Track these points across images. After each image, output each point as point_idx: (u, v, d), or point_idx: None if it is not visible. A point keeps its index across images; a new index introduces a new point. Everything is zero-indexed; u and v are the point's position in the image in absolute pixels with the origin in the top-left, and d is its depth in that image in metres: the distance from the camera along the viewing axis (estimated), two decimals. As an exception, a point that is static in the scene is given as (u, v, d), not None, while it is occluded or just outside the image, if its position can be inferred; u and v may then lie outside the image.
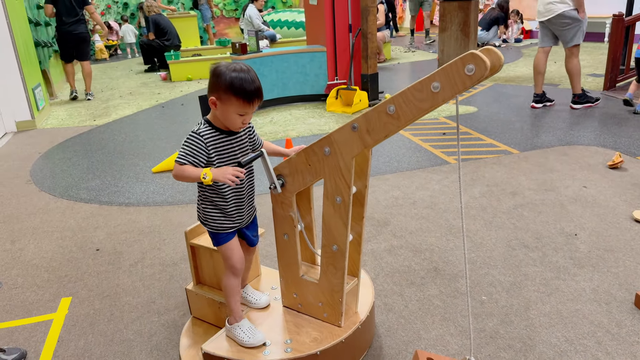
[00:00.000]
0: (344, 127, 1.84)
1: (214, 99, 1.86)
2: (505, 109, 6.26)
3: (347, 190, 1.92)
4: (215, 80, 1.84)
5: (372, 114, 1.75)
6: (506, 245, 3.12)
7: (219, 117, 1.91)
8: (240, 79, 1.82)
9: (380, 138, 1.78)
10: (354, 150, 1.85)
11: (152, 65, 11.12)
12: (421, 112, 1.66)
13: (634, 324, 2.38)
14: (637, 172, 4.08)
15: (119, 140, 5.92)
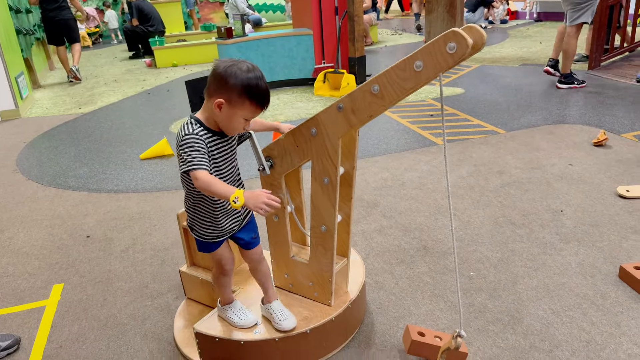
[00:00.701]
0: (329, 107, 1.84)
1: (222, 101, 1.65)
2: (491, 89, 6.30)
3: (334, 171, 1.93)
4: (226, 81, 1.64)
5: (356, 93, 1.76)
6: (493, 223, 3.17)
7: (220, 119, 1.70)
8: (257, 82, 1.65)
9: (365, 118, 1.78)
10: (340, 130, 1.86)
11: (136, 52, 11.00)
12: (405, 91, 1.66)
13: (617, 296, 2.44)
14: (621, 149, 4.14)
15: (105, 127, 5.87)
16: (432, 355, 2.00)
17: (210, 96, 1.69)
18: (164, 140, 4.77)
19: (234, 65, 1.66)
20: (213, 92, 1.67)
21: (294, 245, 2.39)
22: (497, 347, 2.17)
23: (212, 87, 1.68)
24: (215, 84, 1.66)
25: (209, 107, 1.70)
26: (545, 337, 2.21)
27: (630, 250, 2.79)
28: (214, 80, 1.67)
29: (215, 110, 1.67)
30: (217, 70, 1.66)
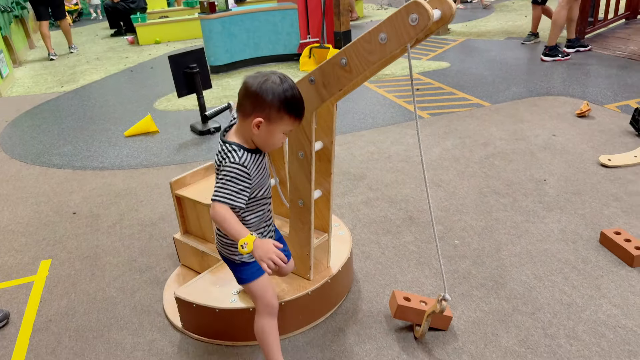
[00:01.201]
0: (302, 80, 1.83)
1: (261, 120, 1.57)
2: (477, 63, 6.30)
3: (309, 145, 1.92)
4: (263, 98, 1.55)
5: (326, 66, 1.74)
6: (478, 193, 3.21)
7: (259, 138, 1.62)
8: (292, 93, 1.59)
9: (336, 91, 1.77)
10: (313, 104, 1.84)
11: (118, 29, 10.80)
12: (370, 64, 1.64)
13: (598, 260, 2.50)
14: (603, 120, 4.19)
15: (88, 105, 5.80)
16: (418, 319, 2.05)
17: (246, 116, 1.59)
18: (148, 117, 4.72)
19: (267, 80, 1.57)
20: (250, 111, 1.57)
21: (278, 218, 2.41)
22: (480, 310, 2.22)
23: (247, 107, 1.58)
24: (251, 103, 1.57)
25: (245, 128, 1.61)
26: (528, 301, 2.26)
27: (611, 216, 2.85)
28: (248, 99, 1.57)
29: (253, 130, 1.59)
30: (251, 89, 1.56)
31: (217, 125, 4.60)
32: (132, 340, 2.21)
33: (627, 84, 4.99)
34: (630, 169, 3.35)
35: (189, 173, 2.53)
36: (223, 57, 6.60)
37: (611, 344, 2.01)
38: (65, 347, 2.20)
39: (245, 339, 2.13)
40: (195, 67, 4.32)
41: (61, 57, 8.76)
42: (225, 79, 6.39)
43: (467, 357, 2.00)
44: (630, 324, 2.10)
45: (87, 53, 9.03)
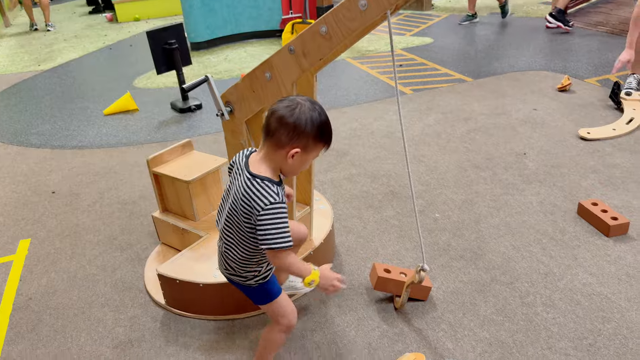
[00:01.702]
0: (281, 50, 1.81)
1: (298, 150, 1.49)
2: (460, 39, 6.28)
3: None
4: (301, 129, 1.48)
5: (306, 34, 1.72)
6: (459, 167, 3.23)
7: (290, 166, 1.53)
8: (326, 121, 1.54)
9: (316, 61, 1.75)
10: (292, 74, 1.83)
11: (96, 7, 10.54)
12: (351, 32, 1.63)
13: (576, 231, 2.54)
14: (584, 94, 4.22)
15: (66, 84, 5.68)
16: (398, 290, 2.07)
17: (281, 147, 1.50)
18: (128, 95, 4.65)
19: (301, 109, 1.49)
20: (286, 142, 1.48)
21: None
22: (459, 281, 2.26)
23: (283, 138, 1.48)
24: (288, 134, 1.48)
25: (277, 158, 1.52)
26: (506, 271, 2.30)
27: (588, 188, 2.89)
28: (284, 130, 1.48)
29: (288, 160, 1.51)
30: (287, 120, 1.47)
31: (198, 103, 4.55)
32: (113, 317, 2.20)
33: (607, 59, 5.02)
34: (609, 142, 3.40)
35: (166, 150, 2.50)
36: (203, 34, 6.49)
37: (586, 310, 2.06)
38: (46, 325, 2.19)
39: (227, 313, 2.14)
40: (174, 43, 4.25)
41: (38, 36, 8.56)
42: (206, 55, 6.30)
43: (446, 325, 2.03)
44: (604, 291, 2.15)
45: (64, 31, 8.82)
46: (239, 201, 1.53)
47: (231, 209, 1.57)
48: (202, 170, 2.42)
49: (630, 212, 2.65)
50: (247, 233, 1.56)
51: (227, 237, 1.63)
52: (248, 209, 1.50)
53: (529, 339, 1.95)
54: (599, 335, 1.94)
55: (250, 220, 1.51)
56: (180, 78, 4.42)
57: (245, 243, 1.59)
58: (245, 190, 1.51)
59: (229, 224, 1.60)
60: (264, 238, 1.48)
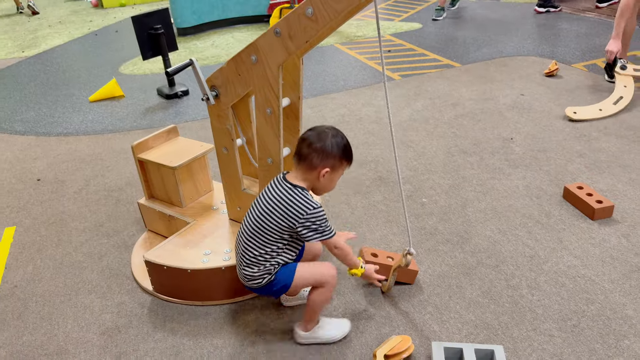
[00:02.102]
0: (267, 32, 1.79)
1: (328, 170, 1.77)
2: (448, 24, 6.27)
3: (276, 100, 1.89)
4: (329, 152, 1.76)
5: (292, 16, 1.70)
6: (446, 152, 3.24)
7: (322, 184, 1.81)
8: (348, 143, 1.82)
9: (302, 43, 1.73)
10: (279, 57, 1.81)
11: (81, -8, 10.37)
12: (337, 13, 1.61)
13: (561, 214, 2.57)
14: (571, 79, 4.24)
15: (51, 71, 5.60)
16: (385, 274, 2.08)
17: (312, 168, 1.77)
18: (113, 81, 4.59)
19: (327, 135, 1.77)
20: (317, 164, 1.76)
21: (247, 178, 2.39)
22: (446, 264, 2.27)
23: (314, 160, 1.76)
24: (319, 157, 1.76)
25: (311, 177, 1.79)
26: (492, 254, 2.32)
27: (574, 172, 2.92)
28: (315, 153, 1.76)
29: (320, 179, 1.78)
30: (317, 145, 1.75)
31: (185, 89, 4.51)
32: (100, 303, 2.20)
33: (595, 44, 5.04)
34: (595, 126, 3.42)
35: (151, 136, 2.48)
36: (190, 19, 6.41)
37: (570, 292, 2.08)
38: (32, 312, 2.18)
39: (215, 299, 2.14)
40: (159, 28, 4.19)
41: (22, 22, 8.41)
42: (192, 41, 6.23)
43: (432, 308, 2.05)
44: (589, 274, 2.17)
45: (48, 17, 8.68)
46: (279, 205, 1.77)
47: (265, 212, 1.79)
48: (188, 156, 2.40)
49: (615, 196, 2.68)
50: (276, 233, 1.79)
51: (251, 238, 1.82)
52: (290, 213, 1.75)
53: (514, 320, 1.97)
54: (583, 316, 1.97)
55: (288, 221, 1.75)
56: (167, 64, 4.38)
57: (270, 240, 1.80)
58: (288, 198, 1.77)
59: (258, 225, 1.80)
60: (317, 233, 1.76)
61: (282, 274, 1.84)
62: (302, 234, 1.77)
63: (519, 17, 6.25)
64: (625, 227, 2.45)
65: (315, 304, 1.88)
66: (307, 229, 1.75)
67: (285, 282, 1.84)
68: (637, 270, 2.18)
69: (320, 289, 1.86)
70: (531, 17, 6.21)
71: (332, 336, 1.93)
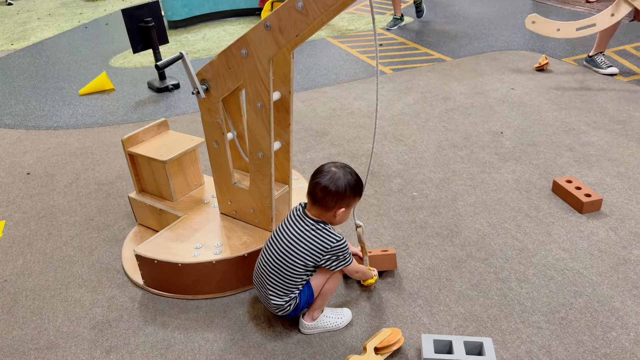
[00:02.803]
0: (257, 26, 1.78)
1: (343, 209, 1.85)
2: (440, 18, 6.27)
3: (267, 94, 1.89)
4: (344, 193, 1.83)
5: (282, 10, 1.70)
6: (437, 146, 3.25)
7: (337, 220, 1.89)
8: (358, 179, 1.88)
9: (292, 37, 1.73)
10: (269, 51, 1.81)
11: (71, -16, 10.25)
12: (327, 7, 1.60)
13: (550, 207, 2.59)
14: (560, 73, 4.26)
15: (41, 63, 5.55)
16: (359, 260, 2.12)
17: (329, 209, 1.84)
18: (104, 74, 4.56)
19: (338, 177, 1.83)
20: (333, 206, 1.84)
21: (237, 172, 2.39)
22: (436, 257, 2.29)
23: (329, 203, 1.83)
24: (333, 200, 1.83)
25: (326, 216, 1.87)
26: (481, 247, 2.34)
27: (563, 166, 2.94)
28: (330, 197, 1.82)
29: (336, 217, 1.86)
30: (329, 189, 1.81)
31: (175, 82, 4.49)
32: (91, 297, 2.19)
33: (585, 38, 5.05)
34: (584, 120, 3.44)
35: (141, 130, 2.47)
36: (181, 12, 6.37)
37: (559, 285, 2.11)
38: (22, 306, 2.17)
39: (205, 292, 2.14)
40: (150, 20, 4.16)
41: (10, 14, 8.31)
42: (183, 34, 6.20)
43: (422, 301, 2.06)
44: (577, 267, 2.20)
45: (38, 9, 8.58)
46: (304, 242, 1.83)
47: (290, 247, 1.85)
48: (178, 149, 2.40)
49: (604, 189, 2.71)
50: (302, 267, 1.84)
51: (275, 271, 1.86)
52: (316, 248, 1.82)
53: (503, 313, 1.99)
54: (571, 308, 1.99)
55: (314, 256, 1.83)
56: (157, 57, 4.35)
57: (295, 273, 1.85)
58: (312, 234, 1.84)
59: (283, 260, 1.85)
60: (339, 262, 1.86)
61: (302, 292, 1.90)
62: (327, 265, 1.86)
63: (510, 11, 6.26)
64: (613, 220, 2.47)
65: (325, 291, 1.93)
66: (331, 260, 1.85)
67: (307, 297, 1.91)
68: (624, 263, 2.20)
69: (331, 278, 1.93)
70: (521, 11, 6.22)
71: (338, 324, 1.97)
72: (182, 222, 2.31)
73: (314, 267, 1.87)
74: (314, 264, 1.85)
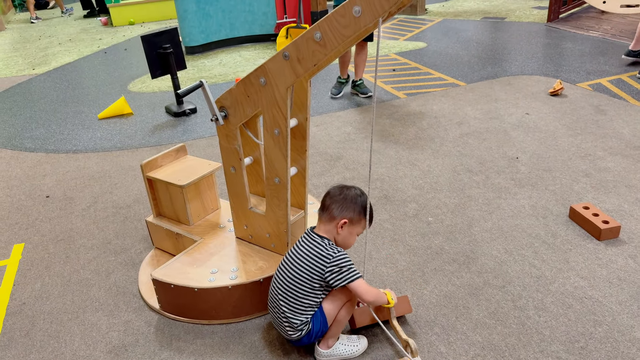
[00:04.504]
0: (276, 55, 1.82)
1: (346, 221, 1.87)
2: (453, 43, 6.32)
3: (284, 121, 1.92)
4: (348, 204, 1.87)
5: (300, 41, 1.74)
6: (452, 171, 3.25)
7: (340, 238, 1.90)
8: (369, 204, 1.89)
9: (310, 67, 1.77)
10: (287, 80, 1.84)
11: (91, 10, 10.54)
12: (345, 38, 1.64)
13: (567, 234, 2.57)
14: (575, 98, 4.26)
15: (61, 88, 5.68)
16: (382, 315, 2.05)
17: (332, 218, 1.88)
18: (122, 98, 4.65)
19: (349, 190, 1.90)
20: (336, 214, 1.87)
21: (254, 197, 2.41)
22: (452, 285, 2.27)
23: (334, 211, 1.87)
24: (338, 208, 1.87)
25: (330, 229, 1.89)
26: (498, 274, 2.32)
27: (580, 192, 2.92)
28: (335, 205, 1.87)
29: (337, 229, 1.87)
30: (337, 197, 1.88)
31: (193, 107, 4.56)
32: (107, 321, 2.20)
33: (599, 63, 5.07)
34: (600, 146, 3.42)
35: (160, 155, 2.51)
36: (198, 38, 6.50)
37: (578, 314, 2.08)
38: (40, 330, 2.19)
39: (221, 318, 2.15)
40: (168, 47, 4.26)
41: (32, 39, 8.54)
42: (200, 60, 6.31)
43: (439, 329, 2.04)
44: (596, 295, 2.17)
45: (59, 35, 8.81)
46: (307, 256, 1.85)
47: (295, 265, 1.87)
48: (196, 174, 2.43)
49: (622, 216, 2.68)
50: (307, 283, 1.84)
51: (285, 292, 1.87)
52: (319, 261, 1.82)
53: (521, 342, 1.96)
54: (591, 338, 1.96)
55: (317, 270, 1.82)
56: (175, 82, 4.43)
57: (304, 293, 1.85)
58: (315, 248, 1.85)
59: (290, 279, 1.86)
60: (342, 275, 1.81)
61: (315, 318, 1.89)
62: (330, 281, 1.82)
63: (524, 36, 6.29)
64: (632, 247, 2.44)
65: (340, 318, 1.91)
66: (335, 274, 1.81)
67: (320, 324, 1.89)
68: (644, 292, 2.17)
69: (345, 305, 1.91)
70: (535, 36, 6.25)
71: (354, 352, 1.95)
72: (199, 247, 2.33)
73: (320, 285, 1.85)
74: (319, 278, 1.83)
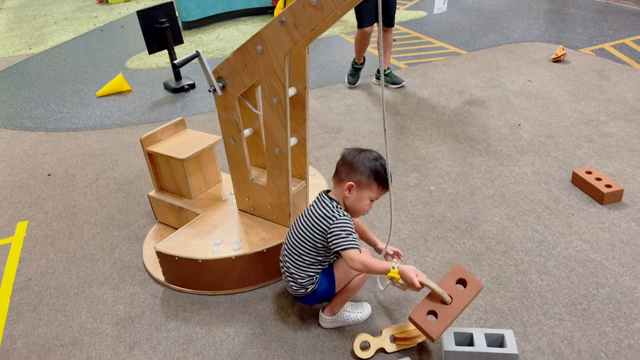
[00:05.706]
0: (272, 21, 1.79)
1: (352, 185, 1.81)
2: (454, 11, 6.22)
3: (283, 90, 1.90)
4: (356, 167, 1.80)
5: (296, 5, 1.70)
6: (453, 140, 3.23)
7: (349, 202, 1.84)
8: (382, 165, 1.81)
9: (307, 32, 1.73)
10: (284, 47, 1.81)
11: (86, -12, 10.38)
12: (342, 0, 1.61)
13: (570, 199, 2.56)
14: (578, 64, 4.21)
15: (58, 67, 5.64)
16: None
17: (340, 181, 1.84)
18: (120, 75, 4.62)
19: (361, 152, 1.83)
20: (344, 177, 1.82)
21: (255, 169, 2.40)
22: (454, 251, 2.28)
23: (342, 173, 1.83)
24: (346, 170, 1.82)
25: (339, 192, 1.85)
26: (501, 240, 2.32)
27: (583, 157, 2.91)
28: (344, 166, 1.83)
29: (345, 192, 1.82)
30: (347, 158, 1.83)
31: (191, 82, 4.52)
32: (113, 295, 2.23)
33: (602, 28, 4.99)
34: (603, 111, 3.39)
35: (159, 129, 2.50)
36: (195, 12, 6.41)
37: (580, 277, 2.08)
38: (47, 304, 2.21)
39: (226, 288, 2.16)
40: (165, 21, 4.20)
41: (28, 19, 8.45)
42: (198, 34, 6.24)
43: (442, 295, 2.05)
44: (598, 258, 2.17)
45: (54, 14, 8.71)
46: (315, 215, 1.83)
47: (304, 223, 1.85)
48: (196, 148, 2.42)
49: (624, 180, 2.67)
50: (311, 242, 1.83)
51: (292, 249, 1.88)
52: (324, 220, 1.79)
53: (524, 305, 1.98)
54: (593, 300, 1.97)
55: (320, 229, 1.80)
56: (172, 57, 4.39)
57: (309, 250, 1.85)
58: (323, 207, 1.82)
59: (298, 236, 1.86)
60: (337, 241, 1.75)
61: (322, 277, 1.89)
62: (330, 243, 1.78)
63: (525, 3, 6.19)
64: (635, 211, 2.44)
65: (351, 287, 1.91)
66: (334, 236, 1.77)
67: (326, 288, 1.88)
68: (647, 254, 2.17)
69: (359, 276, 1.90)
70: (537, 2, 6.15)
71: (358, 318, 1.97)
72: (201, 219, 2.33)
73: (322, 245, 1.82)
74: (322, 238, 1.80)
